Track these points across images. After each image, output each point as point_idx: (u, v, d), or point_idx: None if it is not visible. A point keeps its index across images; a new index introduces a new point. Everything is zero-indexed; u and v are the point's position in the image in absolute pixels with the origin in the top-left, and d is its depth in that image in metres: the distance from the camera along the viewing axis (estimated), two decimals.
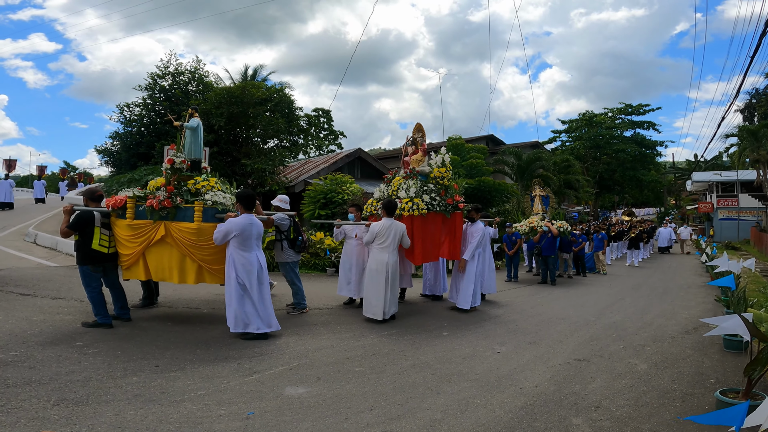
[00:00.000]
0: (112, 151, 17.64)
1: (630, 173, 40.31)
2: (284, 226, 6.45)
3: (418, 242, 6.76)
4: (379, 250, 6.29)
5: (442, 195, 7.00)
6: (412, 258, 6.95)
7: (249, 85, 16.98)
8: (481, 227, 7.59)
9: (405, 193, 6.87)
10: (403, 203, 6.72)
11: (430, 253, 7.07)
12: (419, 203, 6.69)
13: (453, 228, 7.16)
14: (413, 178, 7.11)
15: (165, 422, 3.10)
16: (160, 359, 4.34)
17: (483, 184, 17.10)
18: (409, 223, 6.65)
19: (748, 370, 3.02)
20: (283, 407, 3.45)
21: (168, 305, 6.57)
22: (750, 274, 11.43)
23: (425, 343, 5.40)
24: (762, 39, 8.17)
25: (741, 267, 7.19)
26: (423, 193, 6.87)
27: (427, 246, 6.93)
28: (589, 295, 9.96)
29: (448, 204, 6.98)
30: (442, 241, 7.11)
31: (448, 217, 7.05)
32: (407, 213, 6.67)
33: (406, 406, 3.53)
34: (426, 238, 6.87)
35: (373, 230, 6.31)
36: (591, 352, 5.06)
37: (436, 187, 7.05)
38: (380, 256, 6.26)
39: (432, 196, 6.88)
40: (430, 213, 6.86)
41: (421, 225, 6.75)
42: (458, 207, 7.13)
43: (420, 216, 6.71)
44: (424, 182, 7.06)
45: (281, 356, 4.66)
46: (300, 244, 6.51)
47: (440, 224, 7.05)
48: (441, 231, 7.08)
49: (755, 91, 42.61)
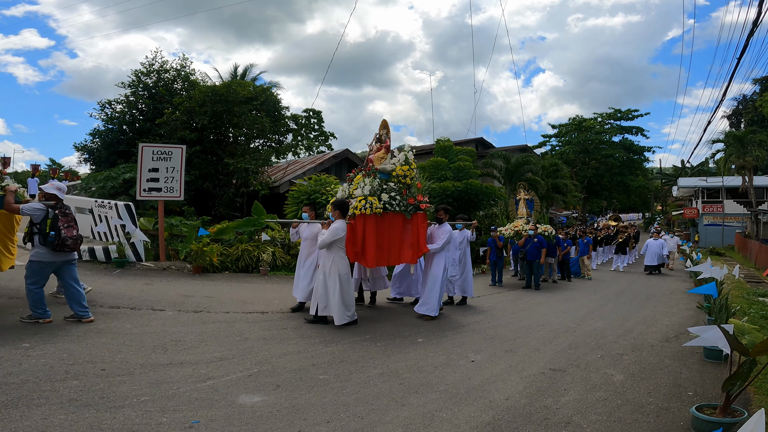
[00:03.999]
0: (92, 148, 17.28)
1: (618, 178, 40.56)
2: (37, 218, 5.19)
3: (371, 244, 6.37)
4: (331, 252, 5.97)
5: (404, 194, 6.65)
6: (364, 261, 6.53)
7: (235, 83, 16.74)
8: (448, 230, 7.15)
9: (360, 192, 6.52)
10: (356, 202, 6.36)
11: (388, 255, 6.65)
12: (373, 202, 6.33)
13: (415, 230, 6.72)
14: (371, 176, 6.75)
15: (96, 428, 2.90)
16: (109, 363, 4.10)
17: (470, 186, 16.94)
18: (361, 223, 6.30)
19: (726, 386, 2.84)
20: (233, 416, 3.23)
21: (131, 306, 6.28)
22: (734, 280, 11.40)
23: (398, 350, 5.19)
24: (749, 40, 8.11)
25: (724, 273, 7.09)
26: (382, 192, 6.53)
27: (383, 248, 6.52)
28: (572, 301, 9.81)
29: (409, 204, 6.60)
30: (403, 244, 6.70)
31: (408, 218, 6.65)
32: (358, 212, 6.30)
33: (366, 419, 3.31)
34: (382, 239, 6.48)
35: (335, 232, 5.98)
36: (568, 362, 4.87)
37: (397, 185, 6.68)
38: (334, 259, 5.96)
39: (392, 195, 6.52)
40: (389, 213, 6.48)
41: (375, 225, 6.38)
42: (420, 207, 6.73)
43: (374, 216, 6.34)
44: (385, 180, 6.71)
45: (242, 362, 4.42)
46: (53, 241, 5.10)
47: (400, 225, 6.65)
48: (401, 233, 6.68)
49: (742, 98, 43.17)
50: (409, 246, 6.69)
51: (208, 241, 10.37)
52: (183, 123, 15.10)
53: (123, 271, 8.99)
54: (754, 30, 7.84)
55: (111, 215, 10.02)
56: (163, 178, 10.31)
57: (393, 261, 6.88)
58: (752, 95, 42.95)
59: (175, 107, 15.10)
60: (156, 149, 10.44)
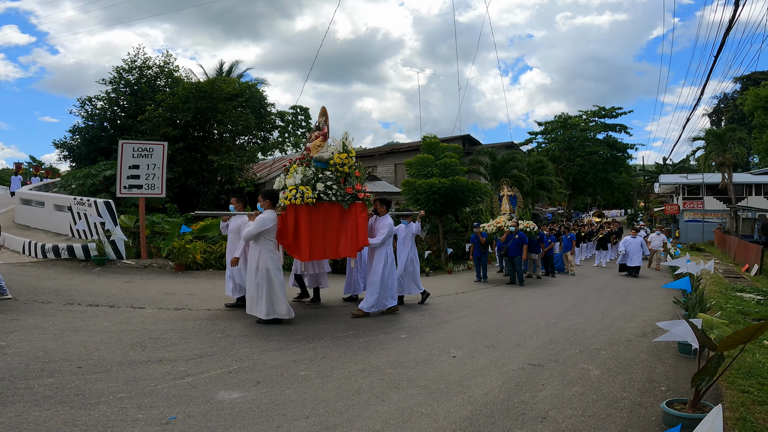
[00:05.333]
0: (72, 145, 16.98)
1: (602, 175, 41.16)
2: None
3: (305, 235, 6.06)
4: (258, 245, 5.73)
5: (342, 183, 6.35)
6: (298, 254, 6.21)
7: (219, 80, 16.60)
8: (389, 222, 6.75)
9: (292, 181, 6.23)
10: (288, 191, 6.09)
11: (324, 248, 6.33)
12: (305, 191, 6.04)
13: (353, 221, 6.38)
14: (305, 164, 6.45)
15: (70, 425, 2.88)
16: (85, 360, 4.05)
17: (456, 183, 17.05)
18: (292, 213, 6.04)
19: (695, 381, 2.91)
20: (211, 413, 3.22)
21: (110, 304, 6.19)
22: (711, 275, 11.65)
23: (380, 346, 5.21)
24: (725, 38, 8.26)
25: (700, 269, 7.23)
26: (317, 181, 6.23)
27: (319, 240, 6.22)
28: (554, 296, 9.95)
29: (347, 193, 6.30)
30: (341, 236, 6.39)
31: (346, 208, 6.35)
32: (288, 202, 6.02)
33: (346, 415, 3.32)
34: (317, 231, 6.19)
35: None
36: (547, 357, 4.95)
37: (335, 174, 6.36)
38: (261, 252, 5.72)
39: (328, 184, 6.22)
40: (324, 203, 6.20)
41: (308, 216, 6.10)
42: (358, 197, 6.41)
43: (306, 206, 6.07)
44: (321, 169, 6.40)
45: (222, 358, 4.40)
46: None
47: (337, 216, 6.35)
48: (338, 224, 6.36)
49: (723, 96, 44.05)
50: (348, 238, 6.37)
51: (191, 238, 10.26)
52: (166, 120, 14.90)
53: (103, 269, 8.86)
54: (731, 28, 8.00)
55: (90, 213, 9.85)
56: (144, 175, 10.18)
57: (331, 254, 6.56)
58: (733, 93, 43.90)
59: (157, 104, 14.89)
60: (137, 146, 10.29)
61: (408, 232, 7.97)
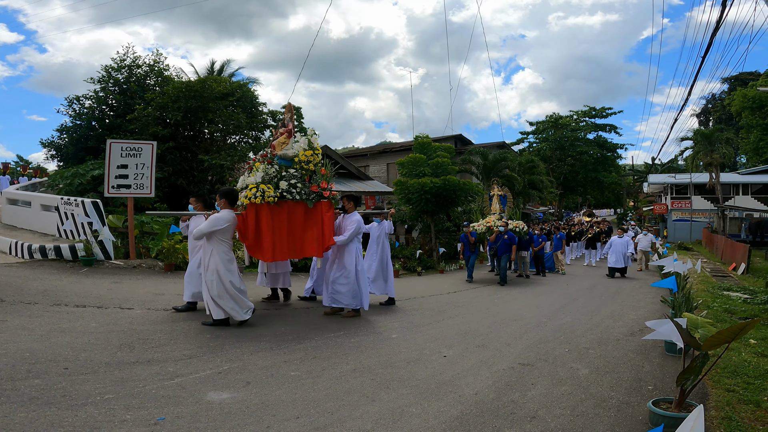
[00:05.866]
0: (60, 145, 16.79)
1: (592, 175, 41.51)
2: None
3: (267, 236, 5.91)
4: (211, 244, 5.53)
5: (307, 181, 6.20)
6: (260, 254, 6.04)
7: (210, 79, 16.52)
8: (357, 219, 6.57)
9: (253, 179, 6.05)
10: (248, 190, 5.91)
11: (289, 248, 6.16)
12: (266, 190, 5.87)
13: (318, 220, 6.22)
14: (267, 162, 6.27)
15: (57, 426, 2.85)
16: (72, 362, 4.00)
17: (448, 183, 17.10)
18: (252, 213, 5.88)
19: (680, 380, 2.94)
20: (200, 413, 3.20)
21: (97, 305, 6.13)
22: (698, 274, 11.80)
23: (371, 345, 5.21)
24: (713, 38, 8.35)
25: (687, 268, 7.31)
26: (281, 179, 6.08)
27: (283, 240, 6.06)
28: (544, 295, 10.02)
29: (312, 192, 6.14)
30: (306, 235, 6.22)
31: (310, 207, 6.19)
32: (248, 201, 5.84)
33: (336, 415, 3.32)
34: (280, 230, 6.05)
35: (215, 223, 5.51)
36: (537, 356, 4.98)
37: (299, 172, 6.21)
38: (212, 252, 5.51)
39: (292, 182, 6.07)
40: (288, 202, 6.04)
41: (270, 215, 5.94)
42: (323, 195, 6.24)
43: (267, 205, 5.90)
44: (285, 167, 6.24)
45: (212, 359, 4.37)
46: None
47: (302, 215, 6.19)
48: (303, 223, 6.21)
49: (711, 96, 44.63)
50: (314, 238, 6.20)
51: (181, 238, 10.17)
52: (155, 119, 14.78)
53: (90, 269, 8.75)
54: (718, 28, 8.09)
55: (77, 213, 9.74)
56: (132, 174, 10.09)
57: (296, 254, 6.39)
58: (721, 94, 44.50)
59: (147, 103, 14.76)
60: (125, 145, 10.20)
61: (381, 231, 7.72)
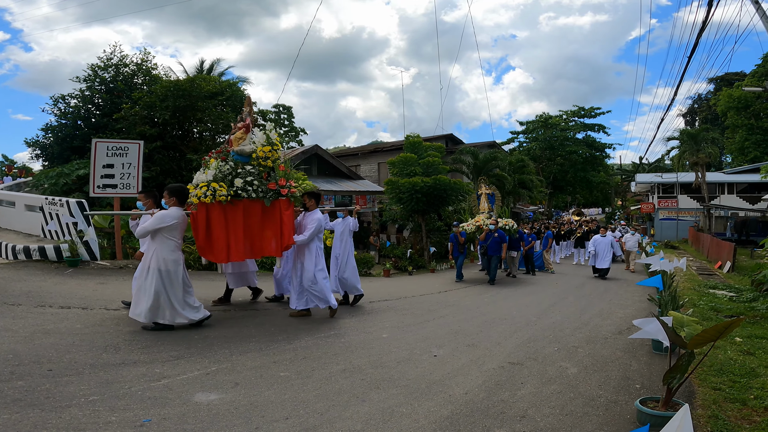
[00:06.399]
0: (45, 144, 16.55)
1: (581, 174, 41.85)
2: None
3: (220, 236, 5.68)
4: (154, 243, 5.29)
5: (264, 178, 5.96)
6: (212, 255, 5.79)
7: (199, 78, 16.38)
8: (318, 217, 6.37)
9: (204, 177, 5.78)
10: (198, 189, 5.64)
11: (246, 248, 5.91)
12: (218, 188, 5.62)
13: (277, 218, 5.95)
14: (221, 158, 6.01)
15: (41, 428, 2.81)
16: (56, 363, 3.94)
17: (439, 182, 17.14)
18: (203, 212, 5.63)
19: (667, 379, 2.97)
20: (187, 414, 3.16)
21: (82, 306, 6.03)
22: (684, 273, 11.95)
23: (362, 345, 5.19)
24: (699, 39, 8.46)
25: (673, 266, 7.40)
26: (236, 177, 5.83)
27: (239, 240, 5.81)
28: (534, 295, 10.08)
29: (269, 189, 5.88)
30: (264, 234, 5.98)
31: (267, 205, 5.92)
32: (197, 200, 5.58)
33: (326, 415, 3.30)
34: (235, 230, 5.78)
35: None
36: (526, 355, 5.01)
37: (257, 169, 5.94)
38: (155, 251, 5.27)
39: (248, 180, 5.81)
40: (244, 200, 5.79)
41: (222, 215, 5.70)
42: (281, 193, 5.94)
43: (219, 204, 5.66)
44: (242, 164, 5.96)
45: (200, 360, 4.33)
46: None
47: (259, 214, 5.93)
48: (261, 222, 5.95)
49: (698, 97, 45.25)
50: (272, 237, 5.96)
51: None
52: (143, 118, 14.61)
53: (76, 270, 8.61)
54: (703, 29, 8.20)
55: (62, 213, 9.57)
56: (118, 174, 9.98)
57: (254, 254, 6.15)
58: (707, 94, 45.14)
59: (134, 102, 14.58)
60: (111, 145, 10.08)
61: (345, 227, 7.52)
